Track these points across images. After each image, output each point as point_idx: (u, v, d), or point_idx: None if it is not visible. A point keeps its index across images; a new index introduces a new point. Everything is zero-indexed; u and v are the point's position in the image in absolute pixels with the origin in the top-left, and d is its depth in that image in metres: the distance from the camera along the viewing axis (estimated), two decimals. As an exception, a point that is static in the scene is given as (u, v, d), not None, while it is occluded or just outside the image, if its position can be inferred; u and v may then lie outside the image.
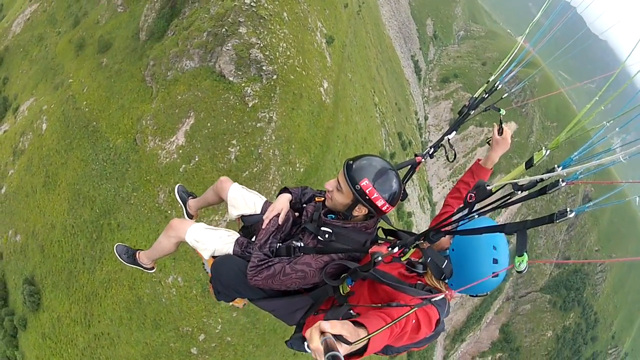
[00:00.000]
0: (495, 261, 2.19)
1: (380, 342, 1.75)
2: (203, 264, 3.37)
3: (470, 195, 1.95)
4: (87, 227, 32.87)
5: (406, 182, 3.08)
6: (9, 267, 37.69)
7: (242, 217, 3.31)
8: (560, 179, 1.50)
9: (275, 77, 29.64)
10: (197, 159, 29.77)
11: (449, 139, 3.19)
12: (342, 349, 1.41)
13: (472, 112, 3.11)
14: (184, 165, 30.00)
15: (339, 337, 1.44)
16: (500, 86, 3.11)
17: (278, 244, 2.86)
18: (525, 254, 1.66)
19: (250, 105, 29.63)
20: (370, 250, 2.54)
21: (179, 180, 30.36)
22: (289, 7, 31.91)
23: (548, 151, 1.81)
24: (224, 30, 30.00)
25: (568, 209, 1.44)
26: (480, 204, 1.90)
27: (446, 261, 2.25)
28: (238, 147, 29.40)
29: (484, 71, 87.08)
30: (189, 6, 32.93)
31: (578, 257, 68.15)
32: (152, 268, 3.78)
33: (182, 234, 3.15)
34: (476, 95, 3.08)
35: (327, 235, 2.66)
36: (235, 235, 3.17)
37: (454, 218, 2.03)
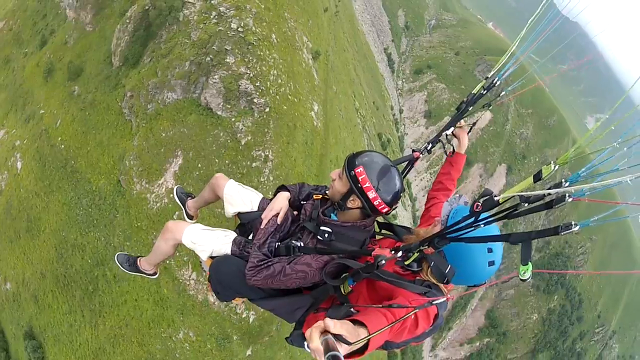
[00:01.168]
0: (490, 250, 2.13)
1: (380, 340, 1.68)
2: (201, 263, 3.18)
3: (477, 205, 1.82)
4: (81, 278, 29.63)
5: (404, 177, 2.96)
6: (3, 315, 34.48)
7: (239, 215, 3.12)
8: (567, 195, 1.45)
9: (267, 109, 25.69)
10: (191, 205, 26.32)
11: (446, 135, 3.06)
12: (342, 349, 1.34)
13: (470, 108, 2.97)
14: (177, 212, 26.51)
15: (338, 337, 1.37)
16: (498, 83, 2.83)
17: (277, 244, 2.71)
18: (529, 263, 1.61)
19: (243, 143, 25.90)
20: (373, 253, 2.25)
21: (174, 228, 27.07)
22: (277, 27, 27.42)
23: (557, 166, 1.63)
24: (208, 59, 25.64)
25: (573, 223, 1.43)
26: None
27: (450, 266, 2.09)
28: (235, 190, 25.97)
29: (457, 61, 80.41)
30: (166, 29, 28.15)
31: (558, 241, 65.77)
32: (155, 274, 3.58)
33: (179, 236, 2.96)
34: (474, 91, 2.92)
35: (326, 235, 2.54)
36: (232, 234, 2.98)
37: (460, 225, 1.85)
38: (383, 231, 2.77)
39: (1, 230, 34.18)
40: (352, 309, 2.20)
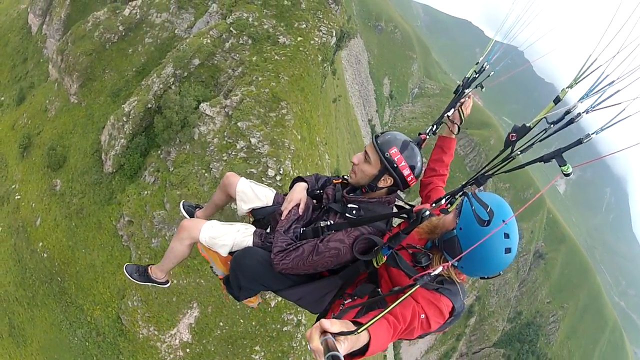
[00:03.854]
0: (507, 235, 1.75)
1: (383, 341, 1.49)
2: (211, 267, 2.60)
3: (512, 135, 1.85)
4: (78, 411, 23.35)
5: None
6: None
7: (253, 212, 2.62)
8: (583, 111, 1.54)
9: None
10: (212, 367, 19.79)
11: (448, 116, 2.69)
12: (342, 349, 1.20)
13: (466, 91, 2.68)
14: (193, 369, 20.04)
15: (338, 334, 1.22)
16: (487, 67, 2.60)
17: (302, 229, 2.31)
18: (567, 163, 1.59)
19: (272, 305, 19.03)
20: (415, 208, 1.99)
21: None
22: (311, 161, 19.18)
23: (569, 89, 1.69)
24: (235, 207, 17.94)
25: (589, 133, 1.49)
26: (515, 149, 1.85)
27: (489, 207, 1.73)
28: (263, 354, 19.39)
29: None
30: (176, 146, 19.40)
31: (530, 311, 60.46)
32: (167, 282, 2.93)
33: (196, 234, 2.42)
34: (468, 75, 2.68)
35: (354, 212, 2.22)
36: (252, 227, 2.48)
37: (496, 161, 1.81)
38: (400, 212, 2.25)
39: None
40: (378, 289, 2.06)
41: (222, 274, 2.56)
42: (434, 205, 1.92)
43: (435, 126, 2.74)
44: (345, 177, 2.47)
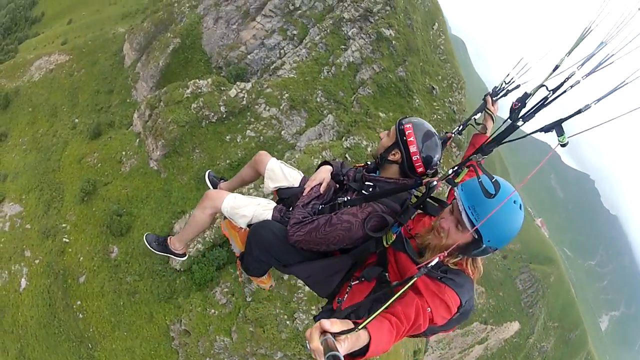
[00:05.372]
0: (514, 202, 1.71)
1: (385, 342, 1.41)
2: (230, 244, 2.64)
3: (515, 104, 1.98)
4: None
5: None
6: None
7: (279, 191, 2.62)
8: (581, 77, 1.53)
9: None
10: None
11: (475, 119, 2.80)
12: (343, 348, 1.16)
13: (494, 98, 2.76)
14: None
15: (339, 334, 1.18)
16: (514, 81, 2.62)
17: (320, 206, 2.28)
18: (564, 134, 1.56)
19: None
20: (424, 180, 2.02)
21: None
22: None
23: (567, 55, 1.78)
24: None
25: (589, 104, 1.46)
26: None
27: (495, 178, 1.65)
28: None
29: (502, 265, 54.50)
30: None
31: None
32: (184, 255, 2.88)
33: (219, 204, 2.45)
34: (498, 85, 2.76)
35: (370, 189, 2.21)
36: (273, 203, 2.51)
37: (500, 130, 1.75)
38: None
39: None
40: (385, 274, 1.99)
41: (239, 252, 2.54)
42: (440, 176, 1.86)
43: (462, 127, 2.79)
44: (368, 162, 2.45)
